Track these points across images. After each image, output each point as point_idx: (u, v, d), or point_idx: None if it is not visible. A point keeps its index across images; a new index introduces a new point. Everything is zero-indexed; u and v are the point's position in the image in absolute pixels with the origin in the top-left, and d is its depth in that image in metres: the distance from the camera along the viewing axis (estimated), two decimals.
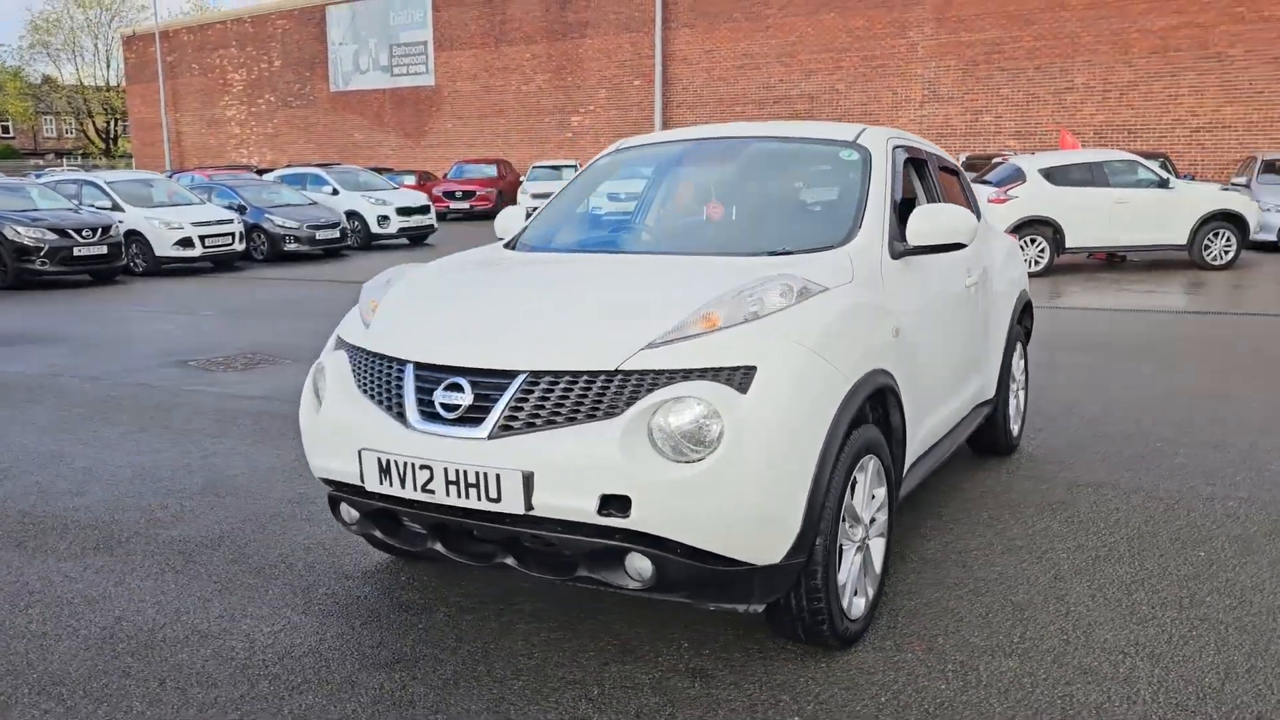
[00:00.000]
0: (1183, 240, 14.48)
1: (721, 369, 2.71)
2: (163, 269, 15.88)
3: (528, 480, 2.67)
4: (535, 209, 4.39)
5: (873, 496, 3.22)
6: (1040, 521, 4.33)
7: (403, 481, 2.85)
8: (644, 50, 27.43)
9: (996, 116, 23.58)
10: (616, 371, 2.72)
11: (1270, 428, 5.82)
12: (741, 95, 26.24)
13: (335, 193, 19.80)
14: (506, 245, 4.15)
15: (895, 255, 3.63)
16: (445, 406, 2.83)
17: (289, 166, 24.82)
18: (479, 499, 2.73)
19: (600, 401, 2.71)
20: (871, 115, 24.63)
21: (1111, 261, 16.11)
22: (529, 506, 2.68)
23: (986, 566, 3.83)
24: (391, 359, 3.02)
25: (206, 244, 15.86)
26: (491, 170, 27.47)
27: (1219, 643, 3.18)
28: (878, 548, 3.32)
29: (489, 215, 26.59)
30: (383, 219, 19.34)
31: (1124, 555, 3.93)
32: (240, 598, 3.57)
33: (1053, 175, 14.35)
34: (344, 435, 3.01)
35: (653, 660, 3.08)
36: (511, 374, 2.78)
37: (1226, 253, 14.56)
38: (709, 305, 2.86)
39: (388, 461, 2.86)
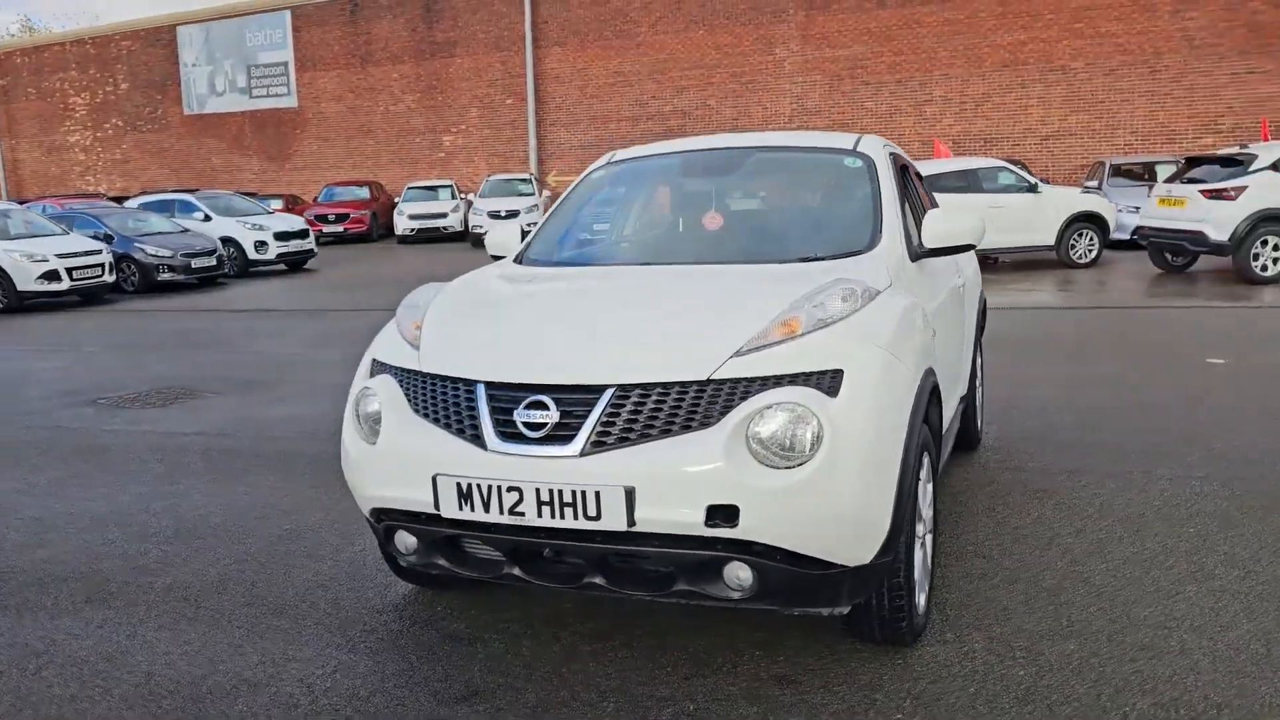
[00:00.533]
0: (1051, 241, 15.41)
1: (810, 374, 2.73)
2: (25, 305, 14.81)
3: (630, 495, 2.62)
4: (528, 225, 4.32)
5: (926, 493, 3.30)
6: (1033, 509, 4.52)
7: (486, 505, 2.75)
8: (515, 69, 27.32)
9: (862, 129, 24.48)
10: (709, 381, 2.71)
11: (1193, 410, 6.23)
12: (615, 112, 26.45)
13: (207, 219, 18.93)
14: (516, 260, 4.07)
15: (913, 258, 3.73)
16: (529, 425, 2.75)
17: (143, 193, 23.58)
18: (575, 518, 2.67)
19: (695, 412, 2.69)
20: (743, 129, 25.20)
21: (985, 263, 16.96)
22: (631, 522, 2.63)
23: (1005, 555, 3.97)
24: (457, 380, 2.92)
25: (74, 276, 14.89)
26: (363, 192, 26.79)
27: (1247, 612, 3.38)
28: (929, 543, 3.40)
29: (363, 239, 25.94)
30: (260, 245, 18.59)
31: (1124, 537, 4.14)
32: (274, 641, 3.36)
33: (929, 183, 15.03)
34: (413, 462, 2.88)
35: (732, 671, 3.07)
36: (599, 389, 2.73)
37: (1090, 251, 15.56)
38: (787, 311, 2.88)
39: (468, 486, 2.76)
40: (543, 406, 2.75)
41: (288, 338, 11.05)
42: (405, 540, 3.05)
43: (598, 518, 2.65)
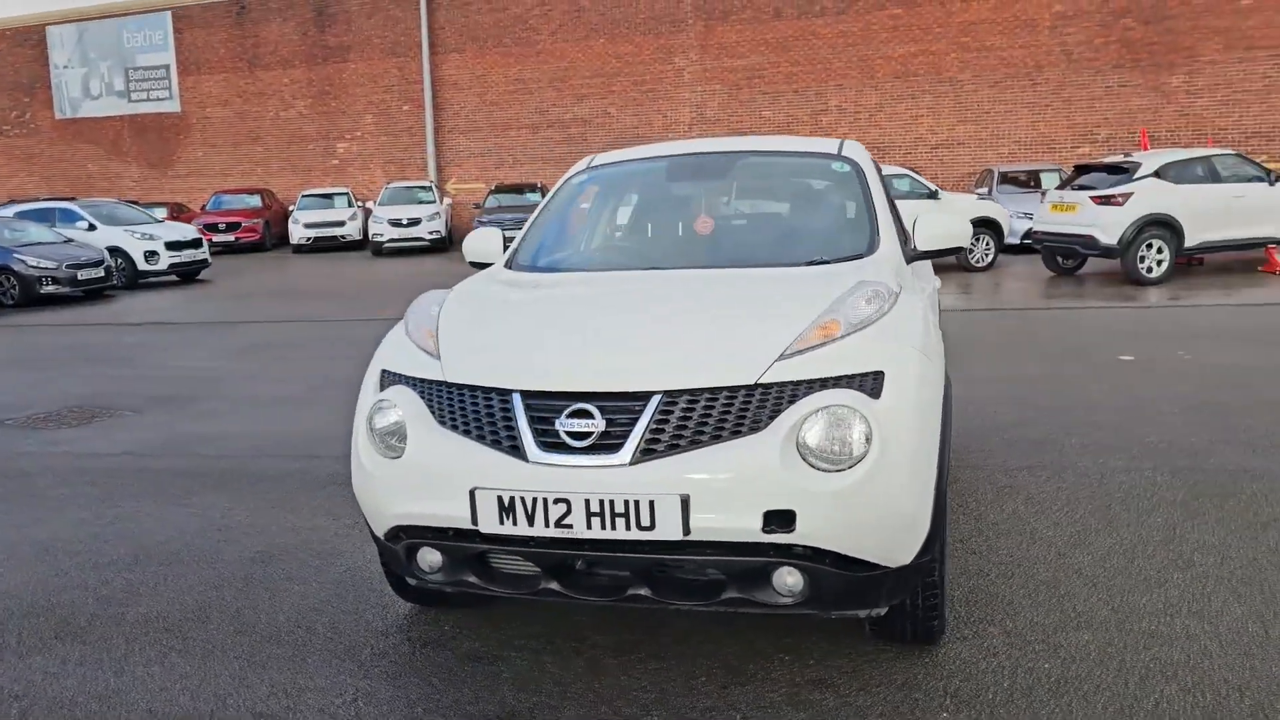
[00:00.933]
0: None
1: (854, 375, 2.73)
2: None
3: (685, 503, 2.57)
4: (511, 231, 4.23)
5: None
6: (1006, 505, 4.64)
7: (530, 519, 2.66)
8: (411, 75, 26.83)
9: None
10: (757, 385, 2.69)
11: (1119, 405, 6.52)
12: (515, 120, 26.24)
13: (92, 228, 17.96)
14: (507, 266, 3.96)
15: (908, 260, 3.79)
16: (573, 435, 2.68)
17: (11, 201, 22.24)
18: (628, 528, 2.61)
19: (744, 417, 2.66)
20: (644, 138, 25.33)
21: None
22: (687, 531, 2.59)
23: (993, 551, 4.07)
24: (489, 390, 2.82)
25: None
26: (255, 200, 25.87)
27: (1235, 595, 3.54)
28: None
29: (256, 248, 25.04)
30: (151, 255, 17.74)
31: (1099, 528, 4.29)
32: (279, 671, 3.19)
33: None
34: (445, 477, 2.77)
35: (766, 678, 3.05)
36: (645, 395, 2.68)
37: (987, 255, 16.17)
38: (825, 314, 2.88)
39: (510, 499, 2.67)
40: (587, 415, 2.68)
41: (195, 351, 10.56)
42: (429, 558, 2.93)
43: (651, 527, 2.59)
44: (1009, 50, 22.83)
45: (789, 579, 2.69)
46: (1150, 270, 13.48)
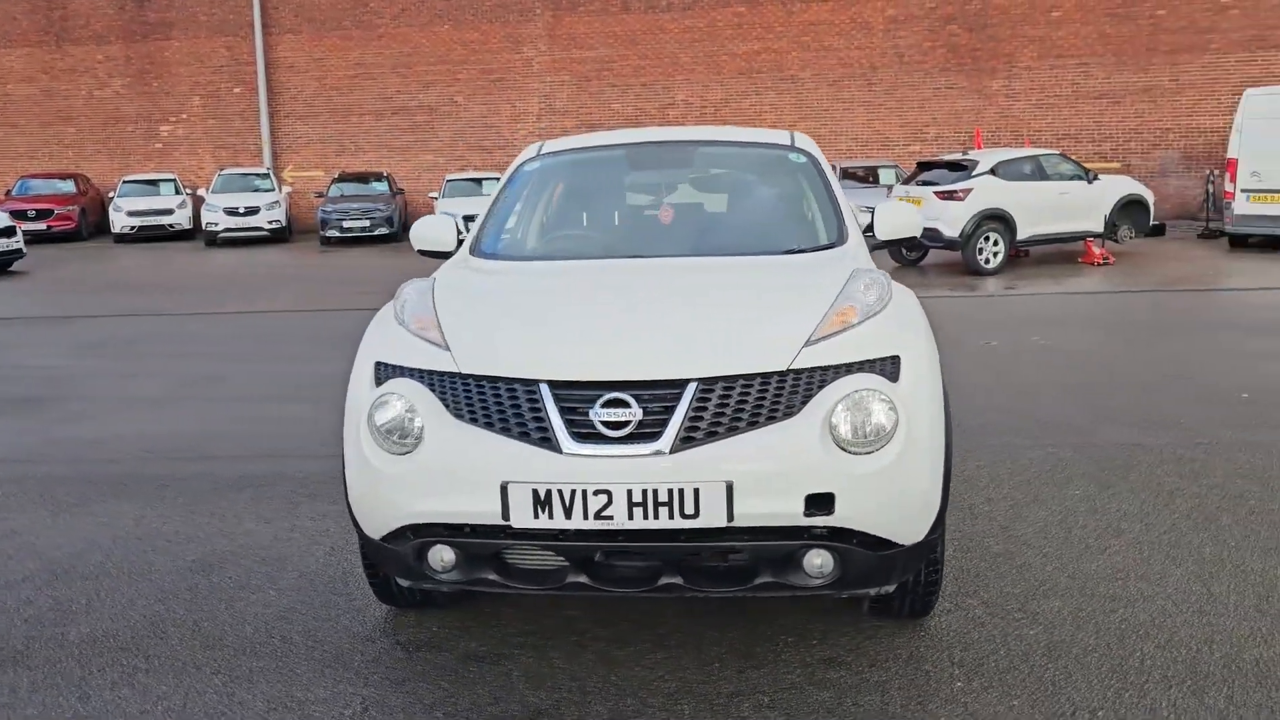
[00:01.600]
0: None
1: (874, 360, 2.81)
2: None
3: (729, 490, 2.58)
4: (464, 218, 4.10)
5: None
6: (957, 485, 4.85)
7: (568, 511, 2.60)
8: (243, 56, 25.43)
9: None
10: (789, 371, 2.72)
11: (1004, 387, 6.94)
12: (358, 105, 25.31)
13: None
14: (472, 254, 3.83)
15: (870, 249, 3.91)
16: (609, 425, 2.63)
17: None
18: (671, 517, 2.59)
19: (778, 403, 2.69)
20: (493, 127, 24.99)
21: None
22: (731, 518, 2.59)
23: (952, 528, 4.24)
24: (513, 381, 2.73)
25: None
26: (68, 185, 23.88)
27: (1169, 558, 3.84)
28: None
29: (71, 237, 23.14)
30: None
31: (1027, 502, 4.54)
32: (270, 684, 2.99)
33: None
34: (470, 471, 2.67)
35: (778, 660, 3.09)
36: (682, 383, 2.66)
37: None
38: (840, 301, 2.94)
39: (546, 492, 2.60)
40: (623, 404, 2.64)
41: (37, 349, 9.72)
42: (443, 557, 2.81)
43: (695, 515, 2.58)
44: (846, 51, 23.77)
45: (817, 560, 2.73)
46: (987, 261, 14.35)
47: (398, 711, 2.83)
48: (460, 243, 4.00)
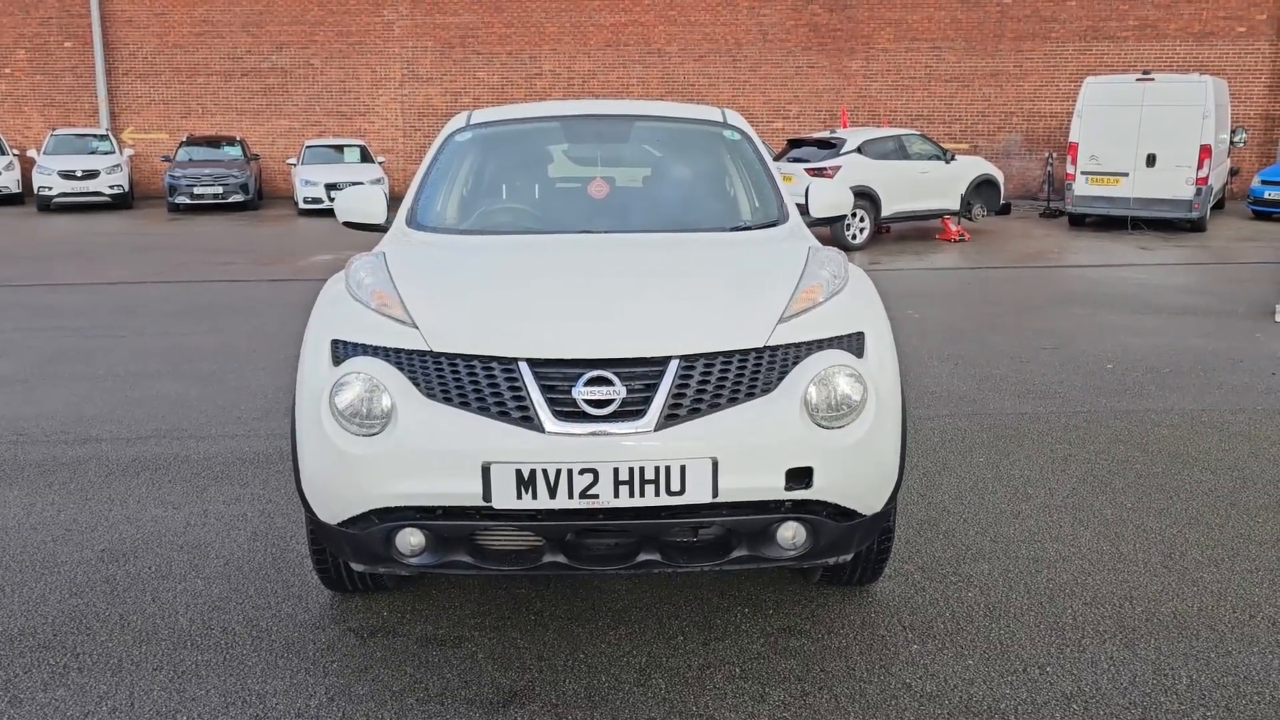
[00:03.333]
0: None
1: (842, 336, 2.88)
2: None
3: (715, 466, 2.59)
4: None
5: None
6: None
7: (553, 491, 2.57)
8: (75, 7, 23.61)
9: (475, 98, 24.50)
10: (765, 348, 2.75)
11: (922, 360, 7.19)
12: (204, 65, 23.93)
13: None
14: (409, 226, 3.69)
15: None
16: (592, 403, 2.60)
17: None
18: (657, 494, 2.59)
19: (756, 379, 2.72)
20: (351, 93, 24.10)
21: None
22: (715, 493, 2.61)
23: None
24: (489, 359, 2.67)
25: None
26: None
27: (1076, 521, 4.09)
28: None
29: None
30: None
31: (936, 471, 4.74)
32: (221, 678, 2.84)
33: None
34: (448, 453, 2.60)
35: (738, 631, 3.14)
36: (664, 361, 2.66)
37: None
38: (805, 279, 2.99)
39: (530, 472, 2.55)
40: (606, 382, 2.61)
41: None
42: (411, 541, 2.73)
43: (681, 492, 2.59)
44: (712, 27, 23.99)
45: (789, 533, 2.79)
46: (855, 237, 14.83)
47: (365, 700, 2.74)
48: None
